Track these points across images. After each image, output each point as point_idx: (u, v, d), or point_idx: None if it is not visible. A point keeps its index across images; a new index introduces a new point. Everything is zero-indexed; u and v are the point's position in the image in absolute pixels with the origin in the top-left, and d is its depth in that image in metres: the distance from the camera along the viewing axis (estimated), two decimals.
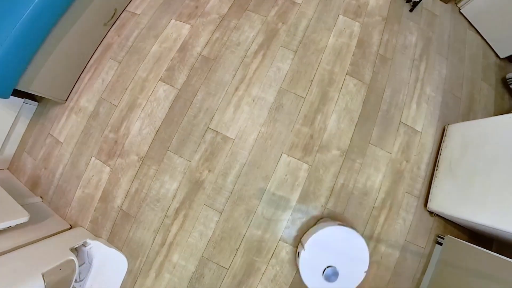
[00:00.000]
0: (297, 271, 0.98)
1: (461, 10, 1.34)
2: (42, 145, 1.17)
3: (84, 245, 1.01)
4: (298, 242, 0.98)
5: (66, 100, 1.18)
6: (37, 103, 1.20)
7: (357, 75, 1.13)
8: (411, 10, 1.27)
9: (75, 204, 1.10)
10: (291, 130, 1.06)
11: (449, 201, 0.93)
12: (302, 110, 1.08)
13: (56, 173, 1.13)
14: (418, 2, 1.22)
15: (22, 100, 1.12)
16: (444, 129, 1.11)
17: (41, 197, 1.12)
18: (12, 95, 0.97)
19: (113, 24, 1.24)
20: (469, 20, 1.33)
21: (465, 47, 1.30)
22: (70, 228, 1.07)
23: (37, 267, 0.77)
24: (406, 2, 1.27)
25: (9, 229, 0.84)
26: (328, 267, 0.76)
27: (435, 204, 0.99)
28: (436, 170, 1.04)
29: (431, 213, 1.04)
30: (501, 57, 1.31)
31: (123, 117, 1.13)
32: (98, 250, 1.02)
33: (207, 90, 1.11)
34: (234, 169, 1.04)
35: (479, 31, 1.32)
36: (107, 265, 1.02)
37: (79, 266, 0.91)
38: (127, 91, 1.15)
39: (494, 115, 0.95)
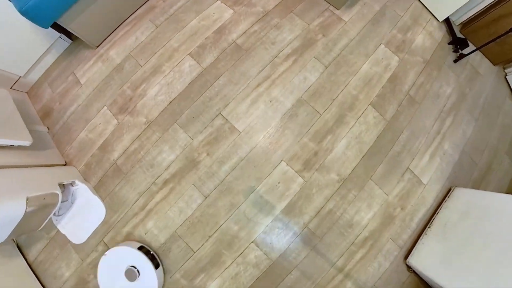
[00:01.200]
0: (259, 277, 0.98)
1: (506, 76, 1.28)
2: (63, 81, 1.21)
3: (72, 184, 1.05)
4: (268, 247, 0.98)
5: (97, 47, 1.22)
6: (71, 41, 1.24)
7: (379, 108, 1.11)
8: (455, 61, 1.22)
9: (76, 144, 1.14)
10: (297, 141, 1.05)
11: (432, 262, 0.90)
12: (314, 125, 1.07)
13: (68, 111, 1.17)
14: (465, 55, 1.17)
15: (58, 34, 1.17)
16: (450, 190, 1.08)
17: (47, 128, 1.17)
18: (51, 26, 1.01)
19: None
20: None
21: (499, 115, 1.24)
22: (65, 165, 1.11)
23: (24, 190, 0.81)
24: (453, 51, 1.23)
25: (10, 147, 0.88)
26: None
27: (415, 260, 0.96)
28: (429, 227, 1.01)
29: (408, 267, 1.01)
30: None
31: (144, 78, 1.15)
32: (83, 193, 1.05)
33: (230, 78, 1.12)
34: (232, 161, 1.04)
35: None
36: (86, 209, 1.05)
37: (62, 202, 0.95)
38: (155, 55, 1.17)
39: (507, 193, 0.91)
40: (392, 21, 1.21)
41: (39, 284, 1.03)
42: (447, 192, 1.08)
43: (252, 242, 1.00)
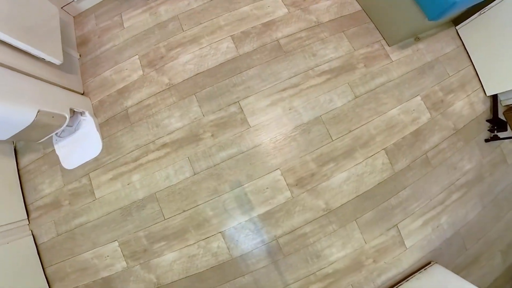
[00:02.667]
0: (213, 267, 0.99)
1: None
2: (109, 19, 1.25)
3: (81, 113, 1.09)
4: (233, 244, 0.99)
5: None
6: None
7: (392, 157, 1.08)
8: (486, 140, 1.16)
9: (98, 79, 1.18)
10: (300, 157, 1.05)
11: None
12: (322, 148, 1.06)
13: (103, 46, 1.22)
14: (499, 138, 1.11)
15: None
16: (429, 263, 1.03)
17: (79, 55, 1.22)
18: None
19: None
20: None
21: (510, 211, 1.17)
22: (82, 94, 1.15)
23: (38, 102, 0.85)
24: (489, 130, 1.17)
25: (41, 60, 0.93)
26: None
27: None
28: None
29: None
30: None
31: (181, 43, 1.17)
32: (88, 125, 1.10)
33: (260, 72, 1.11)
34: (231, 150, 1.05)
35: None
36: (85, 141, 1.10)
37: (66, 126, 0.99)
38: (200, 25, 1.19)
39: None
40: (438, 77, 1.16)
41: (20, 189, 1.09)
42: (425, 265, 1.04)
43: (220, 233, 1.00)
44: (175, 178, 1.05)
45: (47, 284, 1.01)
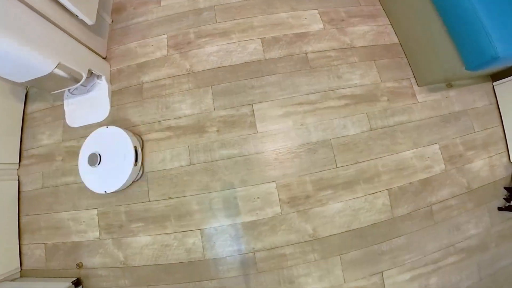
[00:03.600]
0: (183, 263, 0.95)
1: None
2: None
3: (98, 77, 1.10)
4: (211, 246, 0.95)
5: None
6: None
7: (394, 200, 1.02)
8: (500, 209, 1.08)
9: (123, 48, 1.20)
10: (299, 175, 1.01)
11: None
12: (324, 172, 1.01)
13: (135, 18, 1.24)
14: None
15: None
16: None
17: (111, 21, 1.24)
18: None
19: None
20: None
21: None
22: (104, 58, 1.17)
23: (61, 55, 0.86)
24: (504, 198, 1.09)
25: (74, 16, 0.94)
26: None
27: None
28: None
29: None
30: None
31: (211, 34, 1.17)
32: (101, 89, 1.10)
33: (280, 81, 1.09)
34: (233, 151, 1.02)
35: None
36: (94, 104, 1.10)
37: (81, 85, 1.00)
38: (233, 21, 1.19)
39: None
40: (462, 130, 1.10)
41: (20, 134, 1.10)
42: None
43: (199, 229, 0.97)
44: (170, 163, 1.03)
45: (17, 233, 1.01)
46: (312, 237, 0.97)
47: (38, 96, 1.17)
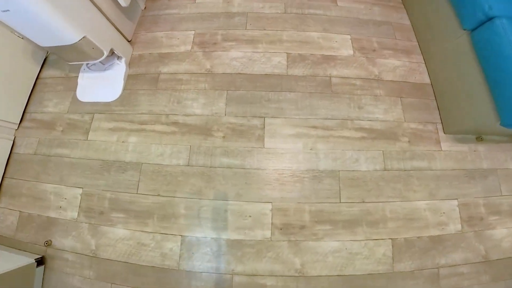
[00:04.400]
0: (155, 268, 0.87)
1: None
2: None
3: (118, 58, 1.10)
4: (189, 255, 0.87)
5: None
6: None
7: (396, 253, 0.91)
8: None
9: (149, 36, 1.20)
10: (298, 202, 0.93)
11: None
12: (326, 205, 0.93)
13: (167, 10, 1.26)
14: None
15: None
16: None
17: (144, 7, 1.26)
18: None
19: None
20: None
21: None
22: (128, 41, 1.17)
23: (88, 29, 0.87)
24: None
25: None
26: None
27: None
28: None
29: None
30: None
31: (238, 39, 1.16)
32: (117, 70, 1.10)
33: (298, 100, 1.05)
34: (234, 161, 0.97)
35: None
36: (107, 83, 1.10)
37: (99, 62, 1.00)
38: (263, 31, 1.18)
39: None
40: (488, 191, 1.00)
41: (28, 96, 1.10)
42: None
43: (180, 236, 0.90)
44: (168, 159, 0.98)
45: None
46: (298, 273, 0.87)
47: (56, 63, 1.18)
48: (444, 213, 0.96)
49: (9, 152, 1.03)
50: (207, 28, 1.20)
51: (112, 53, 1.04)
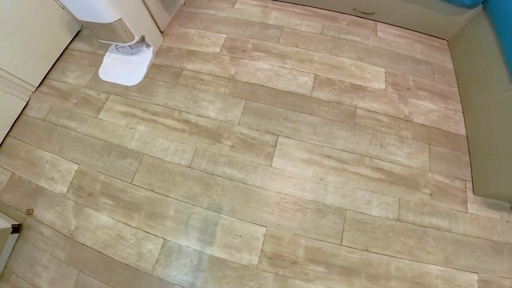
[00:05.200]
0: (129, 268, 0.81)
1: None
2: None
3: (147, 45, 1.11)
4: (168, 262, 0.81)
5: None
6: None
7: None
8: None
9: (182, 31, 1.22)
10: (295, 234, 0.84)
11: None
12: (324, 243, 0.84)
13: (205, 9, 1.28)
14: None
15: None
16: None
17: (184, 3, 1.31)
18: None
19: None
20: None
21: None
22: (161, 32, 1.19)
23: (125, 12, 0.89)
24: None
25: None
26: None
27: None
28: None
29: None
30: None
31: (268, 51, 1.14)
32: (144, 58, 1.11)
33: (317, 125, 0.99)
34: (237, 174, 0.91)
35: None
36: (131, 68, 1.11)
37: (128, 45, 1.02)
38: (294, 48, 1.16)
39: None
40: None
41: (52, 63, 1.13)
42: None
43: (163, 239, 0.84)
44: (170, 156, 0.95)
45: None
46: None
47: (87, 38, 1.22)
48: (459, 286, 0.83)
49: (19, 112, 1.04)
50: (239, 34, 1.19)
51: (142, 39, 1.05)
